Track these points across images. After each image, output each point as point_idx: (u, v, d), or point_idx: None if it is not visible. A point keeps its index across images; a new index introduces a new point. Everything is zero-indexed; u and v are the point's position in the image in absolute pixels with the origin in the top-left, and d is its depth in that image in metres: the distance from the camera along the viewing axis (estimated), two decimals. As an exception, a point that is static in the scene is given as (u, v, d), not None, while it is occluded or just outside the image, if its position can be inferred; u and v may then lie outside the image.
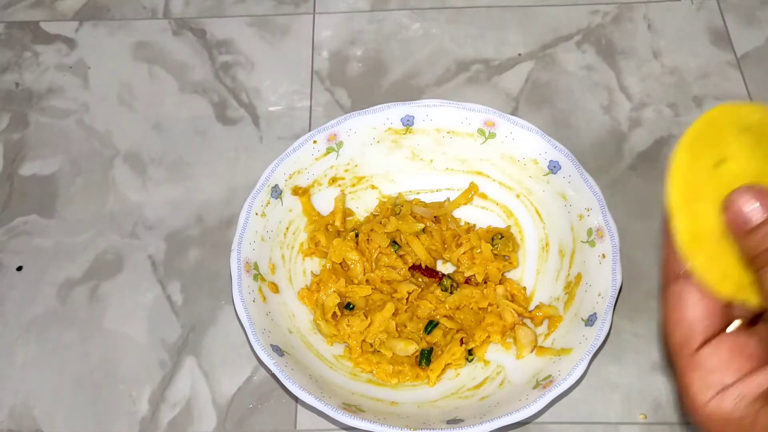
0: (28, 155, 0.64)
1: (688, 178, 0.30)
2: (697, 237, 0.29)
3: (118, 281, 0.58)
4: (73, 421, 0.52)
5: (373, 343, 0.53)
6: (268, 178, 0.54)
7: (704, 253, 0.29)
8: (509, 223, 0.57)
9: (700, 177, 0.30)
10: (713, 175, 0.30)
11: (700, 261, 0.29)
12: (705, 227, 0.29)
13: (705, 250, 0.29)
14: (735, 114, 0.31)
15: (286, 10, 0.72)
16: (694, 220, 0.30)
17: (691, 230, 0.30)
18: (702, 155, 0.30)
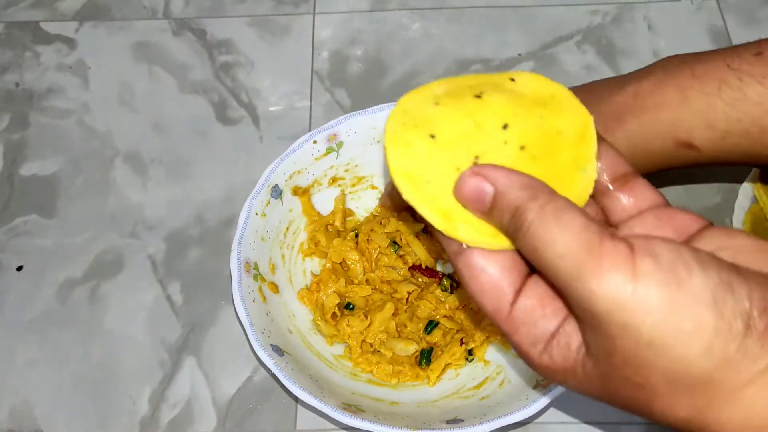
0: (28, 155, 0.64)
1: (416, 166, 0.31)
2: (449, 214, 0.30)
3: (118, 281, 0.58)
4: (73, 421, 0.52)
5: (372, 343, 0.53)
6: (268, 178, 0.54)
7: (463, 223, 0.30)
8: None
9: (424, 159, 0.31)
10: (433, 151, 0.31)
11: (463, 232, 0.30)
12: (452, 203, 0.30)
13: (462, 220, 0.30)
14: (422, 94, 0.33)
15: (286, 10, 0.72)
16: (436, 201, 0.30)
17: (440, 210, 0.30)
18: (413, 141, 0.31)
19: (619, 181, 0.33)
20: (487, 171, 0.29)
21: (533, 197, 0.28)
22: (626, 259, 0.26)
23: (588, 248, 0.26)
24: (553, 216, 0.27)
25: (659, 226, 0.31)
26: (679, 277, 0.25)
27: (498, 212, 0.29)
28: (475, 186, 0.29)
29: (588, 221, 0.27)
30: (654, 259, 0.26)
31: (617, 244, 0.26)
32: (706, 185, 0.60)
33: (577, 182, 0.31)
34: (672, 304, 0.25)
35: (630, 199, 0.32)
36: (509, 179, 0.29)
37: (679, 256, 0.26)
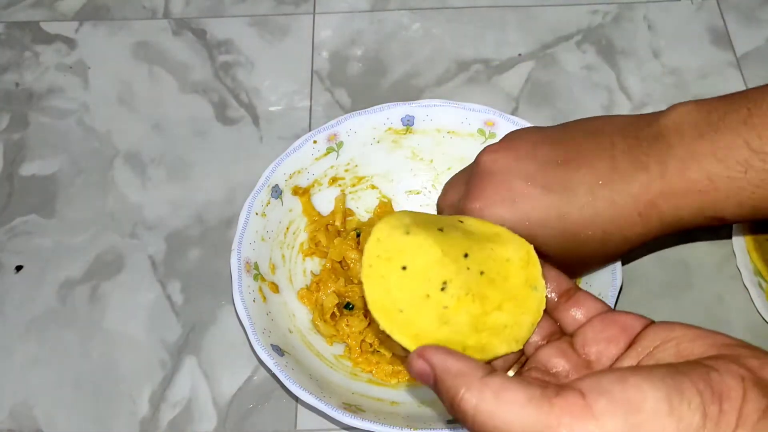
0: (28, 155, 0.64)
1: (389, 297, 0.34)
2: (419, 338, 0.33)
3: (118, 281, 0.58)
4: (73, 421, 0.52)
5: (372, 343, 0.53)
6: (268, 178, 0.54)
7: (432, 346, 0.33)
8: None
9: (397, 291, 0.34)
10: (405, 282, 0.34)
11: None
12: (423, 326, 0.34)
13: (430, 342, 0.33)
14: (391, 224, 0.36)
15: (286, 10, 0.72)
16: (408, 327, 0.34)
17: (412, 335, 0.34)
18: (386, 275, 0.34)
19: (564, 296, 0.37)
20: (427, 354, 0.32)
21: (468, 384, 0.30)
22: (582, 407, 0.28)
23: (541, 416, 0.28)
24: (494, 399, 0.29)
25: (606, 329, 0.35)
26: (635, 401, 0.27)
27: (441, 395, 0.31)
28: (420, 367, 0.32)
29: (528, 388, 0.29)
30: (605, 395, 0.28)
31: (568, 397, 0.28)
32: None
33: (532, 299, 0.36)
34: (638, 428, 0.27)
35: (578, 310, 0.37)
36: (445, 365, 0.31)
37: (625, 383, 0.28)
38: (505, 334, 0.35)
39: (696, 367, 0.29)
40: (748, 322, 0.54)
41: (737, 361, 0.29)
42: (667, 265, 0.57)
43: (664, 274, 0.56)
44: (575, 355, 0.35)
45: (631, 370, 0.29)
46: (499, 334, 0.35)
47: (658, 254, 0.57)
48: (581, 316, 0.36)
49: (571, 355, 0.35)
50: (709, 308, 0.55)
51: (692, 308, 0.55)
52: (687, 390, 0.28)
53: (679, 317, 0.38)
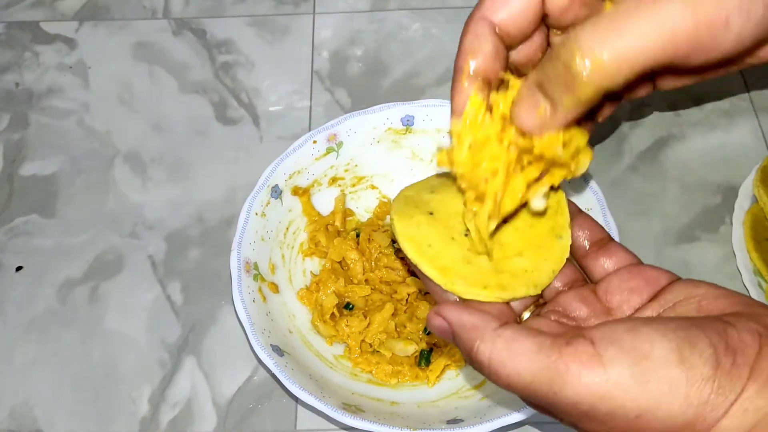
0: (28, 155, 0.64)
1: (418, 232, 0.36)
2: (446, 271, 0.35)
3: (118, 281, 0.58)
4: (73, 421, 0.52)
5: (372, 344, 0.53)
6: (268, 178, 0.54)
7: (459, 278, 0.35)
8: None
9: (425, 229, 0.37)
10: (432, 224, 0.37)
11: (459, 286, 0.35)
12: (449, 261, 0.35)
13: (457, 276, 0.35)
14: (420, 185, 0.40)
15: (286, 10, 0.72)
16: (435, 261, 0.35)
17: (439, 268, 0.35)
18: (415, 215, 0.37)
19: (597, 245, 0.37)
20: (443, 311, 0.33)
21: (482, 335, 0.31)
22: (591, 355, 0.29)
23: (550, 364, 0.29)
24: (506, 349, 0.30)
25: (632, 279, 0.35)
26: (643, 350, 0.28)
27: (460, 348, 0.33)
28: (438, 324, 0.33)
29: (539, 339, 0.30)
30: (616, 344, 0.29)
31: (577, 346, 0.29)
32: (706, 185, 0.60)
33: (555, 248, 0.37)
34: (645, 376, 0.28)
35: (607, 259, 0.37)
36: (460, 320, 0.32)
37: (637, 332, 0.29)
38: (524, 277, 0.36)
39: (713, 322, 0.29)
40: (748, 322, 0.54)
41: (756, 319, 0.29)
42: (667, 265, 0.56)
43: (664, 274, 0.56)
44: (596, 302, 0.35)
45: (644, 320, 0.30)
46: (519, 277, 0.36)
47: (658, 254, 0.57)
48: (610, 265, 0.36)
49: (591, 301, 0.35)
50: (709, 308, 0.55)
51: (692, 308, 0.55)
52: (700, 342, 0.28)
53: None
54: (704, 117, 0.64)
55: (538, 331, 0.31)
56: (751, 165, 0.58)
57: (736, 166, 0.60)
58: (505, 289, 0.35)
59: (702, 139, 0.63)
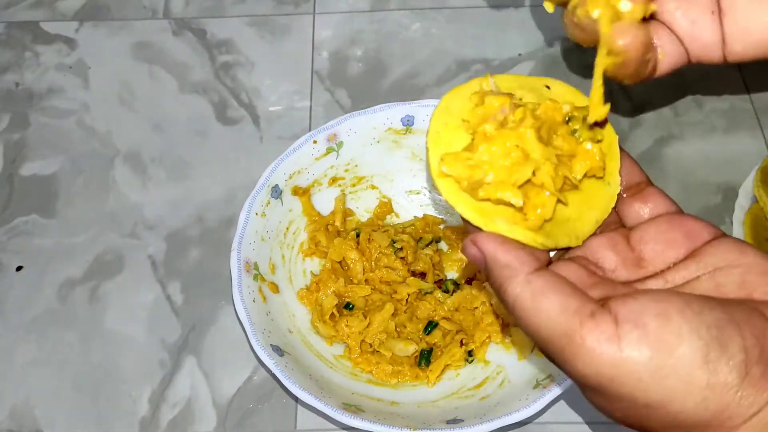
0: (28, 155, 0.64)
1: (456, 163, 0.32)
2: (485, 210, 0.32)
3: (118, 281, 0.58)
4: (73, 421, 0.52)
5: (372, 344, 0.53)
6: (268, 178, 0.54)
7: (499, 218, 0.32)
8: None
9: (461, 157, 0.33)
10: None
11: (500, 225, 0.31)
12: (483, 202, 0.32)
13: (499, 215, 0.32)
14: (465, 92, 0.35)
15: (286, 10, 0.72)
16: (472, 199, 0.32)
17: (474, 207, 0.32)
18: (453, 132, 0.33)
19: (634, 188, 0.34)
20: (479, 241, 0.31)
21: (513, 276, 0.30)
22: (610, 336, 0.27)
23: (568, 331, 0.28)
24: (531, 299, 0.29)
25: (670, 230, 0.32)
26: (668, 344, 0.26)
27: (490, 282, 0.31)
28: (473, 253, 0.32)
29: (566, 300, 0.28)
30: (640, 329, 0.27)
31: (600, 321, 0.27)
32: (706, 185, 0.60)
33: (602, 195, 0.33)
34: (662, 371, 0.26)
35: (644, 205, 0.34)
36: (495, 254, 0.31)
37: (667, 320, 0.27)
38: (567, 227, 0.33)
39: (755, 317, 0.27)
40: (748, 322, 0.54)
41: None
42: (667, 265, 0.57)
43: (664, 274, 0.56)
44: (628, 251, 0.32)
45: (679, 304, 0.27)
46: (561, 225, 0.33)
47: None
48: (647, 213, 0.34)
49: (622, 249, 0.32)
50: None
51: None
52: (732, 345, 0.26)
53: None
54: (704, 117, 0.64)
55: (568, 287, 0.29)
56: (751, 165, 0.58)
57: (736, 166, 0.60)
58: (548, 236, 0.32)
59: (702, 139, 0.63)
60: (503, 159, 0.32)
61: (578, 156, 0.33)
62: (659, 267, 0.31)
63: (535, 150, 0.32)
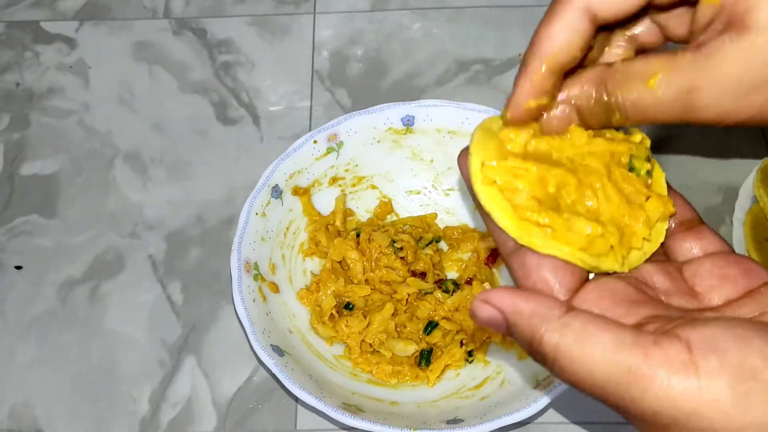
0: (28, 155, 0.64)
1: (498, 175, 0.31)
2: (521, 223, 0.30)
3: (118, 281, 0.58)
4: (73, 421, 0.52)
5: (372, 344, 0.53)
6: (269, 178, 0.54)
7: (537, 231, 0.29)
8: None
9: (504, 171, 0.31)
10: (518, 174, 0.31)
11: (537, 240, 0.29)
12: (527, 216, 0.30)
13: (527, 228, 0.30)
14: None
15: (286, 10, 0.72)
16: (514, 211, 0.30)
17: (515, 222, 0.30)
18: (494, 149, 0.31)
19: (684, 225, 0.32)
20: (492, 298, 0.28)
21: (545, 324, 0.27)
22: (685, 363, 0.24)
23: (631, 366, 0.25)
24: (577, 342, 0.26)
25: (727, 266, 0.30)
26: (752, 367, 0.24)
27: (517, 338, 0.28)
28: (487, 314, 0.28)
29: (618, 333, 0.25)
30: (718, 354, 0.24)
31: (669, 348, 0.24)
32: (706, 185, 0.60)
33: (654, 229, 0.31)
34: (748, 398, 0.24)
35: (695, 243, 0.32)
36: (516, 307, 0.27)
37: (747, 343, 0.24)
38: (614, 252, 0.30)
39: None
40: (748, 322, 0.54)
41: None
42: (668, 265, 0.57)
43: (665, 274, 0.56)
44: (680, 279, 0.30)
45: (756, 328, 0.25)
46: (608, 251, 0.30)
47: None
48: (698, 250, 0.31)
49: (675, 276, 0.30)
50: (710, 308, 0.55)
51: (692, 308, 0.55)
52: None
53: (678, 317, 0.38)
54: (704, 117, 0.64)
55: (612, 321, 0.26)
56: (751, 165, 0.58)
57: (736, 166, 0.60)
58: (592, 255, 0.29)
59: (702, 139, 0.63)
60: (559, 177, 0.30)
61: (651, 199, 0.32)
62: (715, 302, 0.29)
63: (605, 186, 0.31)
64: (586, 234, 0.29)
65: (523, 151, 0.31)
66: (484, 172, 0.31)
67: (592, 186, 0.30)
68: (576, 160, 0.31)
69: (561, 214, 0.29)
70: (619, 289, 0.28)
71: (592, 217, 0.30)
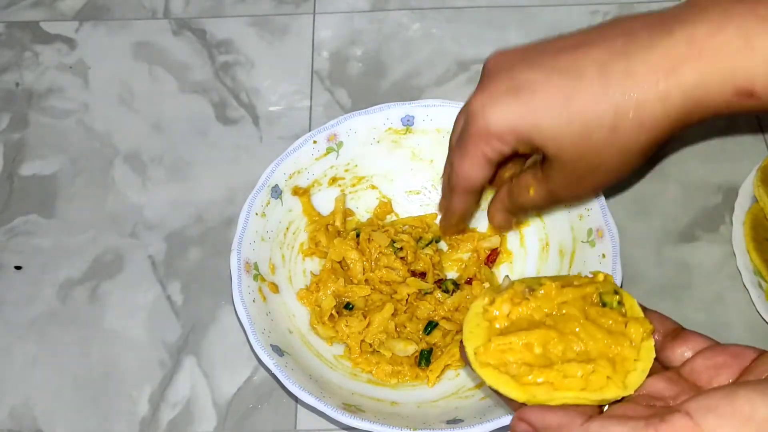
0: (28, 155, 0.64)
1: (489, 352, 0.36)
2: (527, 390, 0.34)
3: (118, 281, 0.58)
4: (73, 421, 0.52)
5: (372, 344, 0.53)
6: (268, 178, 0.54)
7: (539, 390, 0.34)
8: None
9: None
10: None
11: (542, 396, 0.34)
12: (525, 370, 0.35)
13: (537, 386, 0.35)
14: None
15: (286, 10, 0.72)
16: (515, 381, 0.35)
17: (519, 389, 0.35)
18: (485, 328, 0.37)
19: (671, 335, 0.36)
20: (526, 415, 0.33)
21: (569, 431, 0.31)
22: (691, 428, 0.28)
23: None
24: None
25: (716, 355, 0.34)
26: (744, 413, 0.28)
27: None
28: (523, 429, 0.34)
29: (629, 422, 0.29)
30: (713, 412, 0.28)
31: (674, 421, 0.28)
32: (706, 185, 0.60)
33: (642, 348, 0.36)
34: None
35: (685, 347, 0.36)
36: (544, 421, 0.33)
37: (734, 396, 0.28)
38: (613, 381, 0.35)
39: None
40: (748, 322, 0.54)
41: None
42: (667, 265, 0.57)
43: (664, 274, 0.56)
44: (683, 382, 0.34)
45: (739, 384, 0.29)
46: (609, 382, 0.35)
47: (658, 254, 0.57)
48: (689, 353, 0.35)
49: (678, 381, 0.34)
50: (709, 308, 0.55)
51: (692, 308, 0.55)
52: None
53: (679, 318, 0.38)
54: (704, 117, 0.64)
55: (626, 417, 0.30)
56: (751, 165, 0.58)
57: (736, 166, 0.60)
58: (596, 391, 0.34)
59: (702, 139, 0.63)
60: (540, 338, 0.35)
61: (630, 324, 0.36)
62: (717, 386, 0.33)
63: (585, 327, 0.35)
64: (579, 376, 0.34)
65: (509, 323, 0.37)
66: (478, 358, 0.36)
67: (573, 332, 0.35)
68: (555, 313, 0.36)
69: (553, 367, 0.34)
70: (629, 411, 0.32)
71: (584, 358, 0.35)
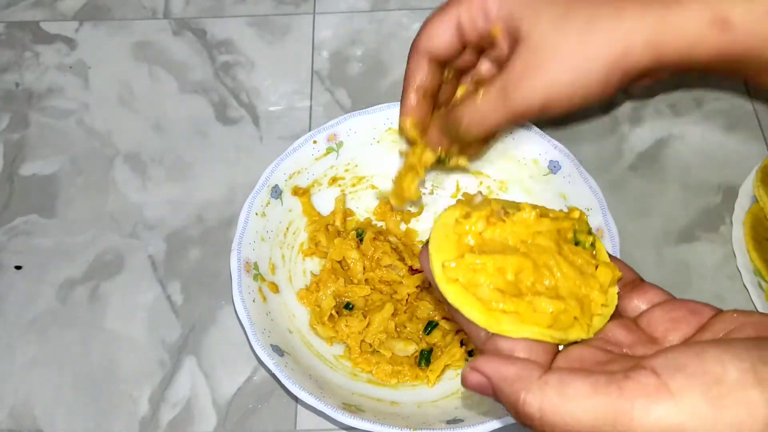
0: (28, 155, 0.64)
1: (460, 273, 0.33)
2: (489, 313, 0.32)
3: (118, 281, 0.58)
4: (73, 421, 0.52)
5: (372, 344, 0.53)
6: (268, 178, 0.54)
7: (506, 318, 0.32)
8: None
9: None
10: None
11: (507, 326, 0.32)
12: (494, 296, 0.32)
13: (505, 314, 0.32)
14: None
15: (286, 10, 0.72)
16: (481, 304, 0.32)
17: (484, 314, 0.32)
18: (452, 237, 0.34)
19: (629, 286, 0.35)
20: (480, 365, 0.31)
21: (527, 384, 0.29)
22: (657, 386, 0.27)
23: (611, 402, 0.27)
24: (558, 395, 0.28)
25: (675, 310, 0.33)
26: (715, 374, 0.26)
27: (503, 403, 0.30)
28: (476, 380, 0.31)
29: (592, 378, 0.28)
30: (682, 371, 0.27)
31: (639, 378, 0.27)
32: (706, 185, 0.60)
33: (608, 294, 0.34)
34: (720, 402, 0.26)
35: (642, 298, 0.35)
36: (500, 372, 0.30)
37: (704, 356, 0.27)
38: (579, 322, 0.33)
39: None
40: (748, 322, 0.54)
41: None
42: (667, 265, 0.57)
43: (664, 274, 0.56)
44: (640, 331, 0.33)
45: (709, 343, 0.28)
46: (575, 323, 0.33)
47: (658, 254, 0.57)
48: (645, 305, 0.35)
49: (634, 330, 0.33)
50: (709, 308, 0.55)
51: (692, 308, 0.55)
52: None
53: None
54: (704, 117, 0.64)
55: (586, 370, 0.29)
56: (751, 165, 0.58)
57: (736, 166, 0.60)
58: (560, 329, 0.32)
59: (702, 139, 0.63)
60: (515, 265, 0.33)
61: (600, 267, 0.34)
62: (675, 341, 0.32)
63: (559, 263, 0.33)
64: (549, 312, 0.32)
65: (480, 241, 0.34)
66: (446, 272, 0.33)
67: (547, 266, 0.33)
68: (528, 240, 0.34)
69: (524, 298, 0.32)
70: (586, 355, 0.31)
71: (553, 294, 0.33)
